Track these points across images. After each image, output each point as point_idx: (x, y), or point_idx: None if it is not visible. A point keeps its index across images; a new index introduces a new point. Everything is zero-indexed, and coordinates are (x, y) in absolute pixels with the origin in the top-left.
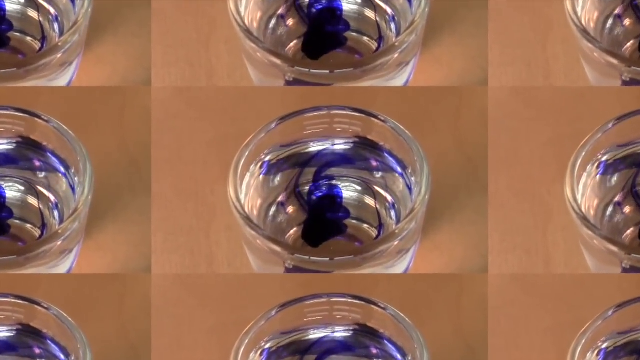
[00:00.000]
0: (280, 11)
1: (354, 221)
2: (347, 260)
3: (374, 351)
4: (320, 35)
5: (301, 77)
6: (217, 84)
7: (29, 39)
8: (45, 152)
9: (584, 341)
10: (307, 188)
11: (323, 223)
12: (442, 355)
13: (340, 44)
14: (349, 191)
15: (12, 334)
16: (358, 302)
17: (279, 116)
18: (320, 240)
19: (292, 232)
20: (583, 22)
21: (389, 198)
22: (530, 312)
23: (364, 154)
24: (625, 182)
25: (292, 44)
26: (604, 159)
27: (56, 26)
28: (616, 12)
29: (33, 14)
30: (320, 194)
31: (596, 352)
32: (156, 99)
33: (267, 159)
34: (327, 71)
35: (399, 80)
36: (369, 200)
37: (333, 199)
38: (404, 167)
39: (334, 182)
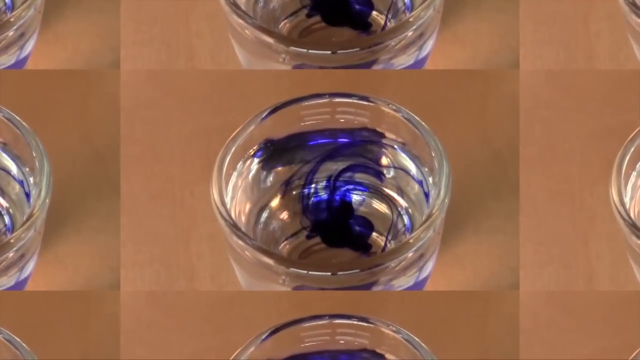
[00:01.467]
0: None
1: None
2: (353, 275)
3: None
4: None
5: (298, 58)
6: (198, 67)
7: None
8: None
9: None
10: (306, 190)
11: (346, 233)
12: None
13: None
14: (354, 194)
15: None
16: (365, 324)
17: (271, 105)
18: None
19: (286, 241)
20: None
21: (402, 202)
22: (569, 337)
23: (372, 150)
24: None
25: (286, 20)
26: None
27: None
28: None
29: None
30: (326, 198)
31: None
32: (126, 85)
33: (257, 155)
34: (329, 52)
35: (413, 63)
36: (378, 205)
37: (346, 206)
38: (419, 165)
39: (336, 183)
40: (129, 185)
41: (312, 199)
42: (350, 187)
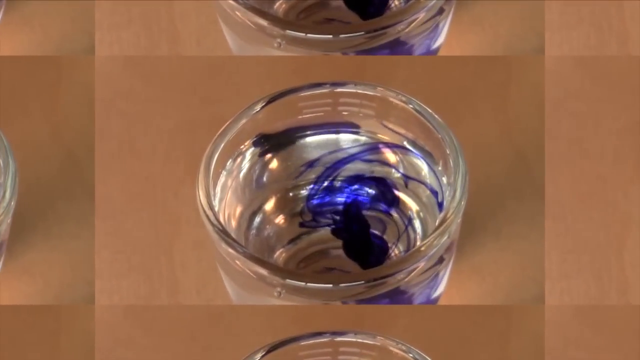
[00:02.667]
0: None
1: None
2: (357, 287)
3: None
4: None
5: (295, 44)
6: (183, 53)
7: None
8: None
9: None
10: (304, 192)
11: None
12: None
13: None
14: (359, 195)
15: None
16: (371, 342)
17: (265, 95)
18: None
19: (282, 249)
20: None
21: (412, 204)
22: (599, 356)
23: (378, 146)
24: None
25: (282, 0)
26: None
27: None
28: None
29: None
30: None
31: None
32: (101, 73)
33: (249, 152)
34: (330, 36)
35: (425, 48)
36: (385, 208)
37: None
38: (432, 164)
39: (338, 183)
40: (105, 186)
41: (312, 201)
42: (355, 188)
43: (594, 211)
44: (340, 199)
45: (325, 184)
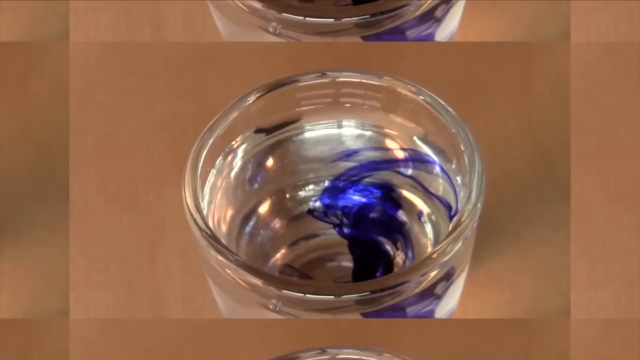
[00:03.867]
0: None
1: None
2: (361, 298)
3: None
4: None
5: (293, 29)
6: (168, 39)
7: None
8: None
9: None
10: (302, 193)
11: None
12: None
13: None
14: (364, 196)
15: None
16: (376, 359)
17: (259, 86)
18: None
19: (278, 255)
20: None
21: (423, 206)
22: None
23: (385, 142)
24: None
25: None
26: None
27: None
28: None
29: None
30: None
31: None
32: (77, 60)
33: (241, 149)
34: (331, 19)
35: (437, 33)
36: (393, 210)
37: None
38: (444, 161)
39: (340, 183)
40: (80, 186)
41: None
42: (359, 189)
43: (625, 214)
44: (351, 199)
45: (342, 184)
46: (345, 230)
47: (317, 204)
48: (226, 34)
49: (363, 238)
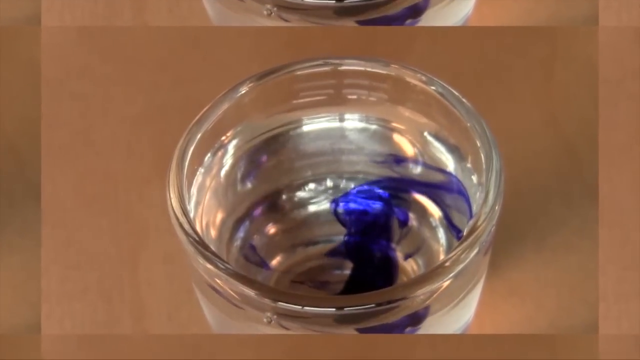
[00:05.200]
0: None
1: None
2: (366, 311)
3: None
4: None
5: (290, 12)
6: (150, 23)
7: None
8: None
9: None
10: (300, 194)
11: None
12: None
13: None
14: (368, 198)
15: None
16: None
17: (252, 74)
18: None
19: (273, 263)
20: None
21: (435, 210)
22: None
23: (392, 137)
24: None
25: None
26: None
27: None
28: None
29: None
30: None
31: None
32: (49, 46)
33: (232, 145)
34: (333, 0)
35: (450, 17)
36: (402, 214)
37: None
38: (458, 159)
39: (342, 184)
40: (53, 186)
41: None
42: (362, 190)
43: None
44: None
45: (379, 190)
46: (351, 237)
47: (341, 206)
48: (216, 18)
49: (369, 244)
